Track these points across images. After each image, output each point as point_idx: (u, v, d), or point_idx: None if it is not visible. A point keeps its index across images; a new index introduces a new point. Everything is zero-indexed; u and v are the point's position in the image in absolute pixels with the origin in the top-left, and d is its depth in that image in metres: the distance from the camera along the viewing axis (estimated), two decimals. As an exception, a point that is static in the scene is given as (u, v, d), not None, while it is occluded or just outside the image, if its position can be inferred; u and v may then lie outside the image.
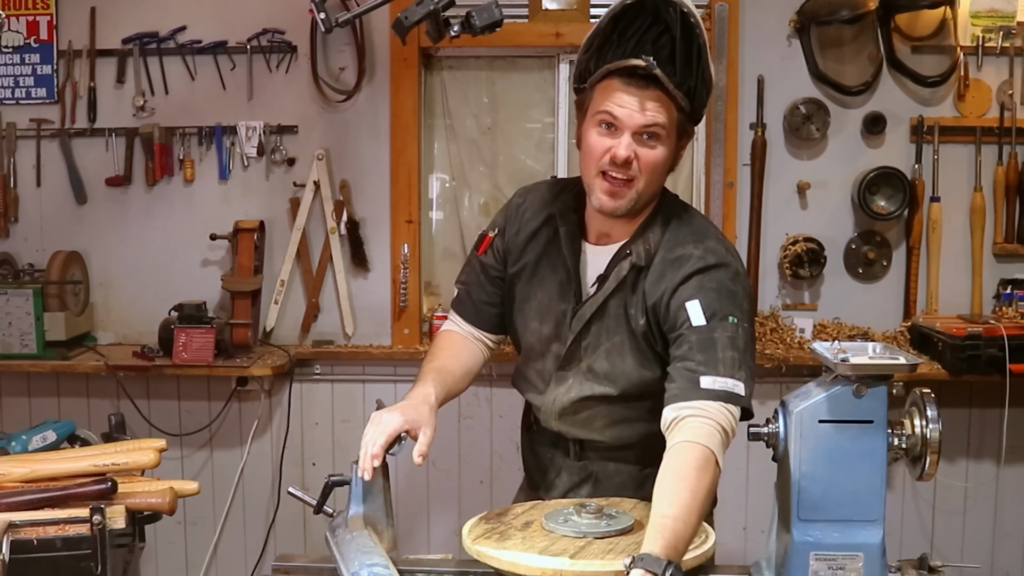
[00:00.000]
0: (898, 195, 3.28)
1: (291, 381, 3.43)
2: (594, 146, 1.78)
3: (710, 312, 1.73)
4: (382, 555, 1.55)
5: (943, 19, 3.27)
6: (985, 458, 3.42)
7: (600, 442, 1.96)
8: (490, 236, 2.02)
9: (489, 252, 2.02)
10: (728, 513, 3.39)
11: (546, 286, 1.92)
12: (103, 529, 1.58)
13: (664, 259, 1.81)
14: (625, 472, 1.96)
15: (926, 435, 1.55)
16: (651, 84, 1.72)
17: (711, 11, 3.29)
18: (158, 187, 3.42)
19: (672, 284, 1.77)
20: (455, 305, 2.08)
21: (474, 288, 2.04)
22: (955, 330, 3.06)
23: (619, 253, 1.85)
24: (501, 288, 2.02)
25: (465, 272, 2.08)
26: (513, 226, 1.99)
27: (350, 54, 3.35)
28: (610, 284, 1.83)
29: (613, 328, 1.85)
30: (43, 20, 3.37)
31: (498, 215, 2.06)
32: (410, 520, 3.47)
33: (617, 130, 1.75)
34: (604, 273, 1.86)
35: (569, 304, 1.89)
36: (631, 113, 1.73)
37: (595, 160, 1.78)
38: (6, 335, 3.16)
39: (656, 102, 1.73)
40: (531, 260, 1.95)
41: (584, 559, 1.52)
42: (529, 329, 1.95)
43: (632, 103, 1.73)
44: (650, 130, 1.74)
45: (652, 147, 1.76)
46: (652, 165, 1.77)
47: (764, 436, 1.60)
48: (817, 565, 1.53)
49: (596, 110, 1.77)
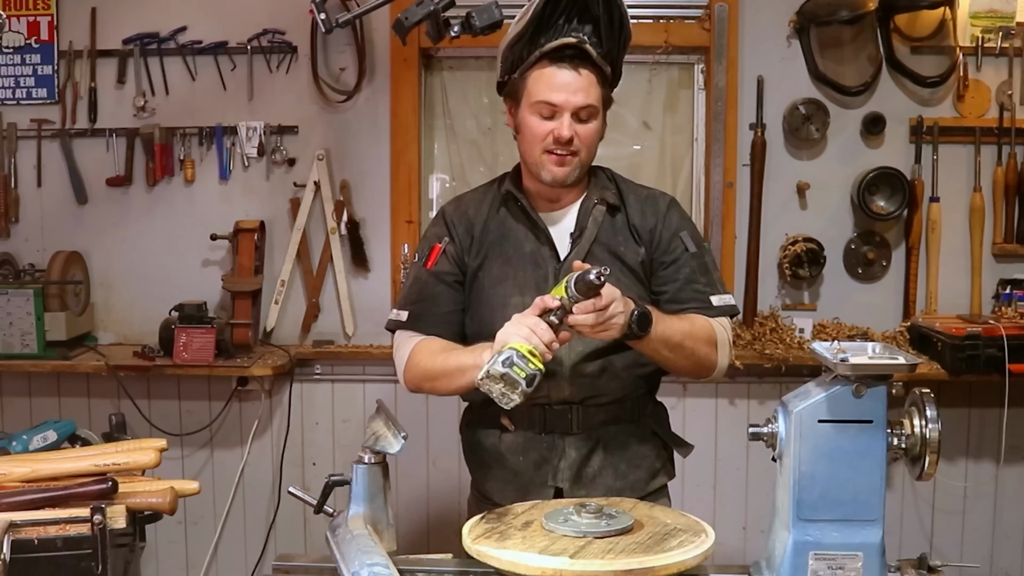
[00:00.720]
0: (897, 195, 3.29)
1: (291, 381, 3.43)
2: (536, 130, 1.96)
3: (696, 241, 2.05)
4: (382, 555, 1.56)
5: (942, 20, 3.27)
6: (984, 458, 3.43)
7: (602, 402, 2.00)
8: (439, 246, 2.07)
9: (442, 260, 2.05)
10: (728, 513, 3.40)
11: (516, 261, 2.02)
12: (104, 529, 1.58)
13: (638, 198, 2.07)
14: (625, 431, 2.04)
15: (925, 435, 1.55)
16: (581, 62, 1.92)
17: (711, 12, 3.29)
18: (159, 187, 3.43)
19: (660, 215, 2.04)
20: (411, 324, 2.03)
21: (430, 303, 2.04)
22: (954, 330, 3.07)
23: (585, 205, 2.04)
24: (461, 292, 2.06)
25: (415, 291, 2.06)
26: (460, 227, 2.08)
27: (350, 54, 3.36)
28: (590, 230, 2.00)
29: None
30: (44, 21, 3.38)
31: (433, 229, 2.12)
32: (410, 520, 3.48)
33: (556, 113, 1.93)
34: (578, 226, 2.02)
35: (548, 267, 2.00)
36: (567, 97, 1.92)
37: (539, 142, 1.96)
38: (7, 335, 3.17)
39: (586, 80, 1.92)
40: (493, 245, 2.04)
41: (584, 559, 1.52)
42: (511, 306, 1.94)
43: (567, 86, 1.91)
44: (585, 109, 1.94)
45: (587, 122, 1.96)
46: (590, 138, 1.98)
47: (764, 436, 1.60)
48: (816, 565, 1.53)
49: (534, 99, 1.94)
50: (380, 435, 1.74)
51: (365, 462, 1.72)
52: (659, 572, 1.51)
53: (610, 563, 1.50)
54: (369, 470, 1.72)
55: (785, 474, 1.57)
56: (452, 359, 1.93)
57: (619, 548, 1.56)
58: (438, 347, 2.00)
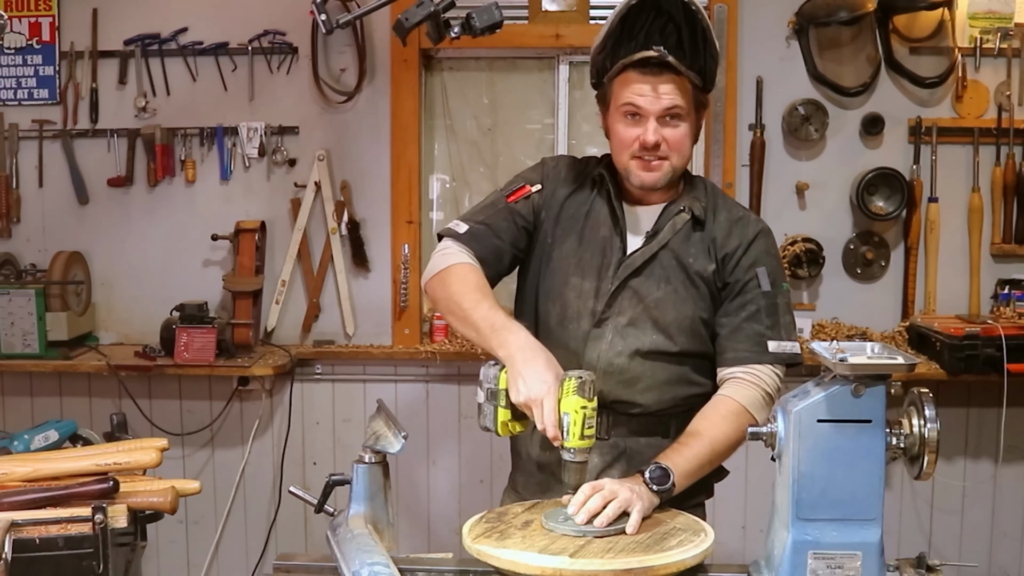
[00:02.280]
0: (896, 196, 3.29)
1: (292, 381, 3.44)
2: (623, 135, 1.91)
3: (773, 278, 1.94)
4: (383, 554, 1.56)
5: (941, 20, 3.28)
6: (983, 457, 3.44)
7: (633, 410, 1.94)
8: (528, 188, 2.02)
9: (524, 203, 2.01)
10: (727, 512, 3.40)
11: (588, 242, 1.97)
12: (105, 528, 1.58)
13: (729, 218, 1.98)
14: (656, 447, 1.91)
15: (924, 434, 1.55)
16: (665, 71, 1.85)
17: (710, 12, 3.30)
18: (160, 188, 3.44)
19: (745, 241, 1.95)
20: (467, 239, 1.97)
21: (493, 231, 1.98)
22: (953, 330, 3.07)
23: (669, 209, 1.97)
24: (523, 237, 2.01)
25: (485, 213, 2.01)
26: (551, 185, 2.03)
27: (351, 55, 3.37)
28: (665, 235, 1.94)
29: (666, 277, 1.93)
30: (45, 21, 3.39)
31: (531, 173, 2.06)
32: (410, 519, 3.48)
33: (642, 118, 1.88)
34: (655, 227, 1.96)
35: (613, 256, 1.95)
36: (652, 100, 1.86)
37: (627, 148, 1.91)
38: (9, 335, 3.17)
39: (671, 84, 1.86)
40: (571, 217, 2.00)
41: (584, 558, 1.52)
42: (569, 285, 1.94)
43: (650, 91, 1.86)
44: (671, 112, 1.88)
45: (676, 126, 1.90)
46: (679, 142, 1.91)
47: (763, 436, 1.60)
48: (815, 564, 1.54)
49: (619, 103, 1.90)
50: (380, 435, 1.75)
51: (365, 461, 1.73)
52: (658, 571, 1.51)
53: (610, 562, 1.51)
54: (369, 469, 1.73)
55: (784, 473, 1.57)
56: (477, 313, 1.85)
57: (619, 547, 1.57)
58: (473, 283, 1.90)
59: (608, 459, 1.95)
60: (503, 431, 1.79)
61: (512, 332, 1.80)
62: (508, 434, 1.80)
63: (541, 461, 2.03)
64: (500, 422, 1.78)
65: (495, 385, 1.78)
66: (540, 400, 1.70)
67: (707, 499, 2.09)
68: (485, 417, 1.80)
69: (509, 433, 1.80)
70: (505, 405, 1.77)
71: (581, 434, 1.69)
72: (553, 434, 1.69)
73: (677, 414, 1.97)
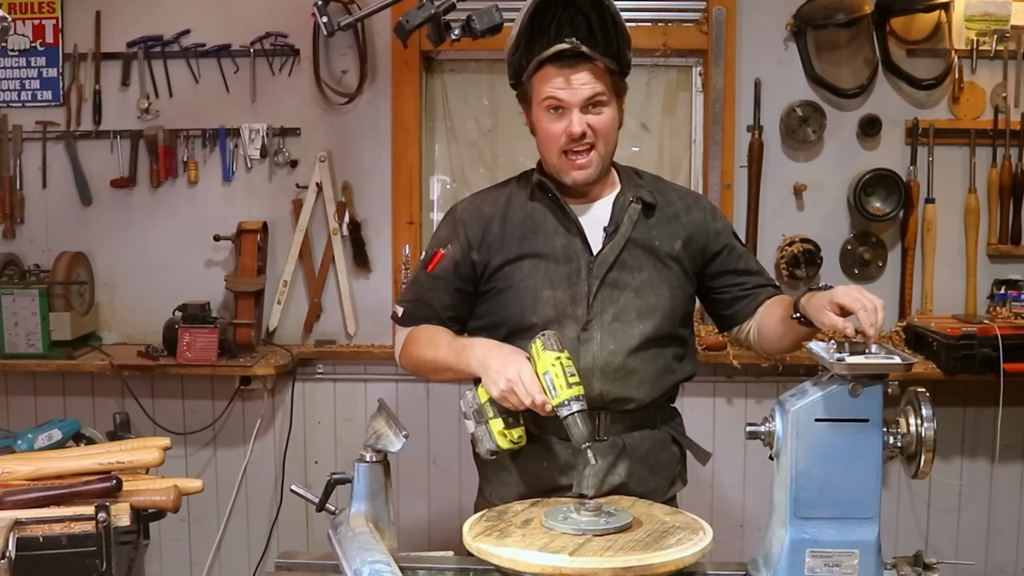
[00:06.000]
0: (893, 197, 3.31)
1: (294, 380, 3.45)
2: (549, 130, 1.96)
3: (736, 236, 2.14)
4: (384, 552, 1.57)
5: (937, 23, 3.29)
6: (979, 456, 3.45)
7: (628, 406, 1.97)
8: (441, 252, 2.05)
9: (443, 264, 2.04)
10: (725, 511, 3.41)
11: (548, 255, 1.99)
12: (108, 526, 1.59)
13: (679, 194, 2.10)
14: (649, 437, 2.02)
15: (921, 434, 1.56)
16: (580, 61, 1.90)
17: (708, 15, 3.31)
18: (162, 189, 3.45)
19: (706, 210, 2.10)
20: (406, 321, 2.07)
21: (424, 305, 2.05)
22: (950, 330, 3.08)
23: (620, 201, 2.02)
24: (459, 295, 2.05)
25: (412, 291, 2.09)
26: (472, 225, 2.04)
27: (352, 57, 3.38)
28: (626, 226, 1.99)
29: (638, 265, 1.98)
30: (48, 24, 3.40)
31: (442, 231, 2.09)
32: (411, 518, 3.50)
33: (565, 111, 1.93)
34: (613, 221, 2.00)
35: (580, 261, 1.97)
36: (571, 92, 1.91)
37: (554, 142, 1.96)
38: (12, 335, 3.19)
39: (588, 73, 1.91)
40: (521, 239, 2.01)
41: (583, 556, 1.53)
42: (542, 299, 1.96)
43: (569, 83, 1.91)
44: (592, 100, 1.92)
45: (599, 113, 1.94)
46: (605, 128, 1.96)
47: (761, 435, 1.61)
48: (813, 562, 1.55)
49: (540, 98, 1.94)
50: (381, 434, 1.76)
51: (367, 460, 1.74)
52: (657, 569, 1.52)
53: (609, 560, 1.52)
54: (371, 468, 1.74)
55: (782, 472, 1.58)
56: (439, 355, 1.94)
57: (618, 545, 1.58)
58: (425, 339, 2.00)
59: (611, 459, 1.97)
60: (503, 442, 1.80)
61: (473, 345, 1.89)
62: (510, 446, 1.80)
63: (541, 475, 2.01)
64: (497, 432, 1.79)
65: (477, 402, 1.81)
66: (517, 376, 1.74)
67: (683, 487, 2.15)
68: (482, 442, 1.82)
69: (511, 444, 1.80)
70: (494, 415, 1.80)
71: (567, 383, 1.72)
72: (541, 400, 1.73)
73: (662, 404, 2.06)
